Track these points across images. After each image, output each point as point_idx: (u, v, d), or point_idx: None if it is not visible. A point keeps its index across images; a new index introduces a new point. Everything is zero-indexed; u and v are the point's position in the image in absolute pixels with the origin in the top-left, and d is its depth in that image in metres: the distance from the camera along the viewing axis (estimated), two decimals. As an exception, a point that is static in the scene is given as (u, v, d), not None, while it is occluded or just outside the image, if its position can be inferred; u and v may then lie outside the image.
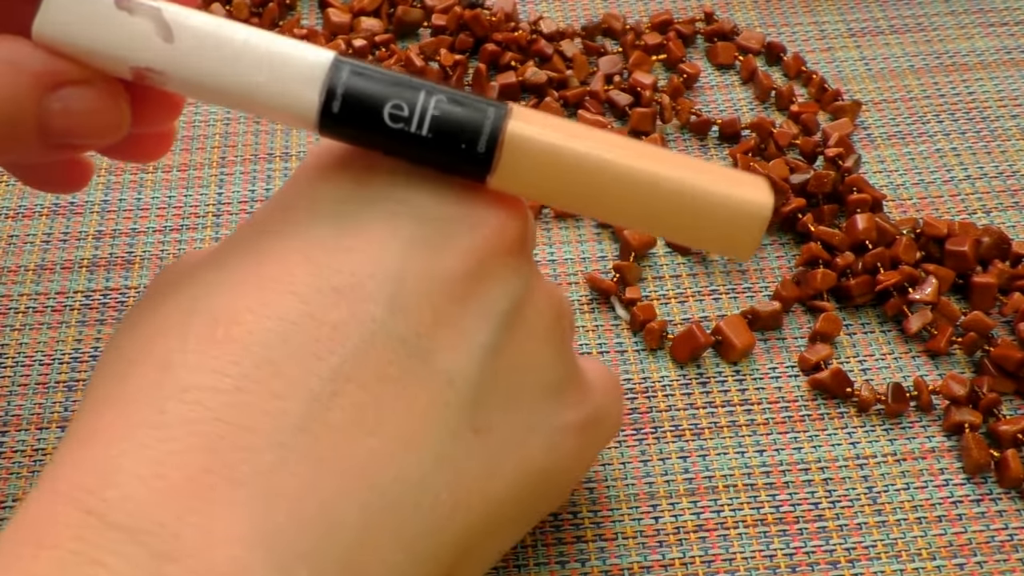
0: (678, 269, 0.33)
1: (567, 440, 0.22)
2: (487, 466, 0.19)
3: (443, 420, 0.18)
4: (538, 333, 0.21)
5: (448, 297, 0.19)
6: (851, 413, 0.30)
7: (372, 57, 0.39)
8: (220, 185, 0.36)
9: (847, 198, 0.33)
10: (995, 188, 0.35)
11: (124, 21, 0.18)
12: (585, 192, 0.19)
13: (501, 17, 0.39)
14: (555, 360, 0.22)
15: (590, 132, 0.19)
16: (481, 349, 0.19)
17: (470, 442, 0.19)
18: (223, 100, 0.19)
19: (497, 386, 0.20)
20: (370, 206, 0.19)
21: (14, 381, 0.30)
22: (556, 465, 0.22)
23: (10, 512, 0.28)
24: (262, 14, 0.40)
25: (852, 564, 0.27)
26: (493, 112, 0.19)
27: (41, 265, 0.33)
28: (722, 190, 0.19)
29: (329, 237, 0.19)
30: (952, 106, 0.38)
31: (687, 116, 0.37)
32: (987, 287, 0.31)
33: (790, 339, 0.31)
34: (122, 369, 0.18)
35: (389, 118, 0.19)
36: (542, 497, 0.22)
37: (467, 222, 0.20)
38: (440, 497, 0.18)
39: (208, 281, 0.19)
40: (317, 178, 0.20)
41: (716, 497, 0.28)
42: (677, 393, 0.30)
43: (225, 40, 0.19)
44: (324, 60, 0.19)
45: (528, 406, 0.21)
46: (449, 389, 0.19)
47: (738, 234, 0.19)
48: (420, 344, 0.18)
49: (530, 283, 0.21)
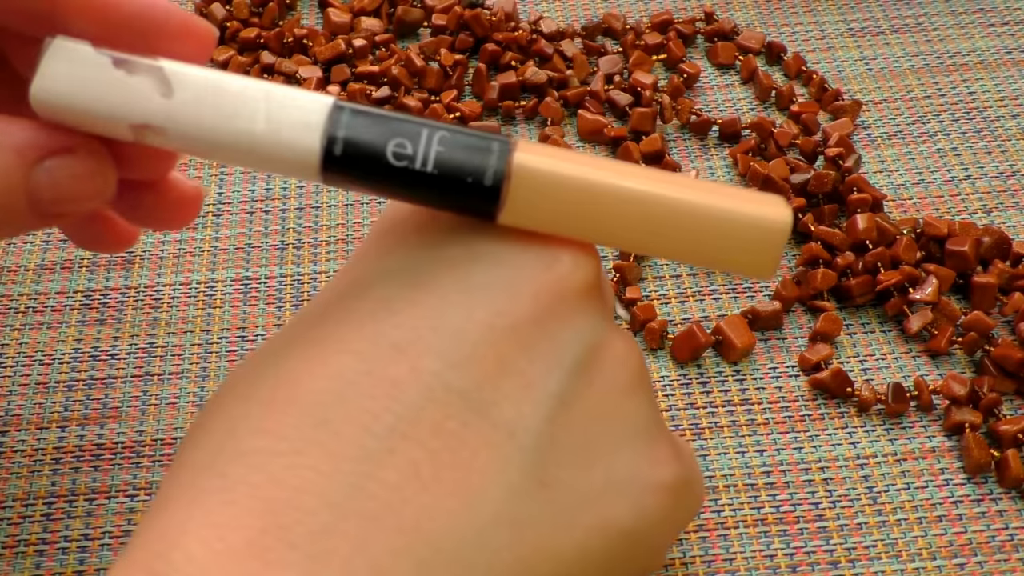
0: (678, 269, 0.33)
1: (658, 499, 0.20)
2: (555, 524, 0.19)
3: (503, 475, 0.18)
4: (619, 383, 0.20)
5: (515, 345, 0.18)
6: (851, 413, 0.30)
7: (372, 57, 0.39)
8: (220, 185, 0.36)
9: (847, 198, 0.33)
10: (995, 188, 0.35)
11: (122, 80, 0.18)
12: (599, 221, 0.19)
13: (501, 17, 0.39)
14: (640, 412, 0.21)
15: (598, 160, 0.19)
16: (549, 399, 0.19)
17: (535, 498, 0.18)
18: (223, 154, 0.19)
19: (569, 439, 0.19)
20: (434, 260, 0.19)
21: (14, 381, 0.30)
22: (643, 526, 0.20)
23: (10, 512, 0.28)
24: (262, 14, 0.40)
25: (852, 564, 0.27)
26: (498, 145, 0.18)
27: (41, 265, 0.33)
28: (739, 209, 0.19)
29: (392, 295, 0.19)
30: (952, 106, 0.38)
31: (687, 116, 0.37)
32: (987, 287, 0.31)
33: (790, 339, 0.31)
34: (197, 437, 0.18)
35: (393, 156, 0.18)
36: (628, 560, 0.21)
37: (536, 264, 0.19)
38: (500, 555, 0.18)
39: (275, 349, 0.19)
40: (383, 241, 0.20)
41: (716, 497, 0.28)
42: (677, 393, 0.30)
43: (223, 90, 0.18)
44: (323, 104, 0.18)
45: (608, 461, 0.20)
46: (510, 442, 0.18)
47: (759, 253, 0.19)
48: (481, 396, 0.18)
49: (606, 328, 0.20)
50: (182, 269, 0.33)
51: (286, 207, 0.35)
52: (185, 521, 0.16)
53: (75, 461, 0.29)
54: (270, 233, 0.34)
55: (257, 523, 0.16)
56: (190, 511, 0.16)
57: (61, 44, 0.18)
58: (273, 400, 0.18)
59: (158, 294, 0.32)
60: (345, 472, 0.17)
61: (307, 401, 0.17)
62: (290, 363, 0.18)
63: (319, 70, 0.38)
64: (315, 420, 0.17)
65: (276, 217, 0.35)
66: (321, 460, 0.17)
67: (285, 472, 0.17)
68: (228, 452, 0.17)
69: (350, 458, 0.17)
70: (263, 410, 0.18)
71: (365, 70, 0.38)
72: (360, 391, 0.17)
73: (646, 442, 0.21)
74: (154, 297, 0.32)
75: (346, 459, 0.17)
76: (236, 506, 0.16)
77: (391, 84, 0.38)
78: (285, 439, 0.17)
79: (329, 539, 0.16)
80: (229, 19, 0.40)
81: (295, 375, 0.18)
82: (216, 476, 0.17)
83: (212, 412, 0.19)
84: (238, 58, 0.39)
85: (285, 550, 0.16)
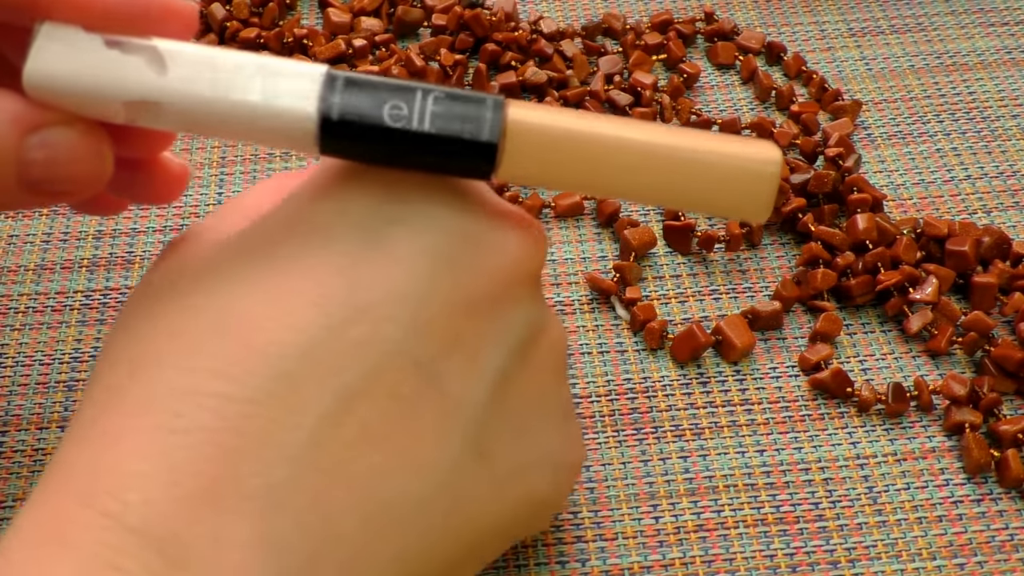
0: (678, 269, 0.33)
1: (568, 475, 0.22)
2: (489, 493, 0.20)
3: (448, 443, 0.19)
4: (551, 365, 0.21)
5: (468, 319, 0.19)
6: (851, 413, 0.30)
7: (372, 57, 0.39)
8: (220, 185, 0.36)
9: (847, 198, 0.33)
10: (995, 188, 0.35)
11: (116, 59, 0.18)
12: (595, 171, 0.19)
13: (501, 17, 0.39)
14: (563, 395, 0.22)
15: (590, 115, 0.19)
16: (493, 374, 0.19)
17: (474, 467, 0.19)
18: (219, 127, 0.19)
19: (506, 413, 0.20)
20: (400, 221, 0.19)
21: (14, 381, 0.30)
22: (555, 498, 0.22)
23: (10, 512, 0.28)
24: (262, 14, 0.40)
25: (852, 564, 0.27)
26: (491, 102, 0.19)
27: (41, 265, 0.33)
28: (731, 151, 0.19)
29: (357, 251, 0.19)
30: (952, 106, 0.38)
31: (687, 116, 0.37)
32: (987, 287, 0.31)
33: (790, 339, 0.31)
34: (127, 368, 0.18)
35: (389, 118, 0.18)
36: (530, 525, 0.22)
37: (496, 243, 0.20)
38: (438, 518, 0.18)
39: (230, 277, 0.19)
40: (345, 186, 0.20)
41: (716, 497, 0.28)
42: (677, 393, 0.30)
43: (217, 65, 0.18)
44: (317, 73, 0.19)
45: (536, 437, 0.21)
46: (457, 412, 0.19)
47: (751, 193, 0.19)
48: (434, 367, 0.18)
49: (545, 313, 0.21)
50: (182, 269, 0.33)
51: (286, 207, 0.35)
52: (139, 461, 0.16)
53: (75, 461, 0.29)
54: (270, 233, 0.34)
55: (213, 470, 0.16)
56: (145, 450, 0.16)
57: (52, 27, 0.18)
58: (230, 340, 0.17)
59: (158, 294, 0.32)
60: (305, 428, 0.17)
61: (269, 352, 0.17)
62: (251, 305, 0.18)
63: (319, 70, 0.38)
64: (275, 372, 0.17)
65: (276, 217, 0.35)
66: (281, 413, 0.17)
67: (244, 421, 0.17)
68: (182, 388, 0.17)
69: (309, 413, 0.17)
70: (221, 349, 0.17)
71: (365, 70, 0.38)
72: (323, 348, 0.18)
73: (565, 422, 0.22)
74: (154, 297, 0.32)
75: (306, 414, 0.17)
76: (192, 450, 0.16)
77: (391, 84, 0.38)
78: (245, 386, 0.17)
79: (284, 492, 0.16)
80: (229, 19, 0.40)
81: (255, 320, 0.18)
82: (171, 415, 0.17)
83: (142, 337, 0.18)
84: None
85: (240, 500, 0.16)
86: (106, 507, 0.16)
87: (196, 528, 0.16)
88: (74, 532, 0.15)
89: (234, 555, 0.16)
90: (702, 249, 0.33)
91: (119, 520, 0.15)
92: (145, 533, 0.15)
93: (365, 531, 0.17)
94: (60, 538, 0.15)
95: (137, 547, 0.15)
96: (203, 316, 0.18)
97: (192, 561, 0.15)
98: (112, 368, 0.18)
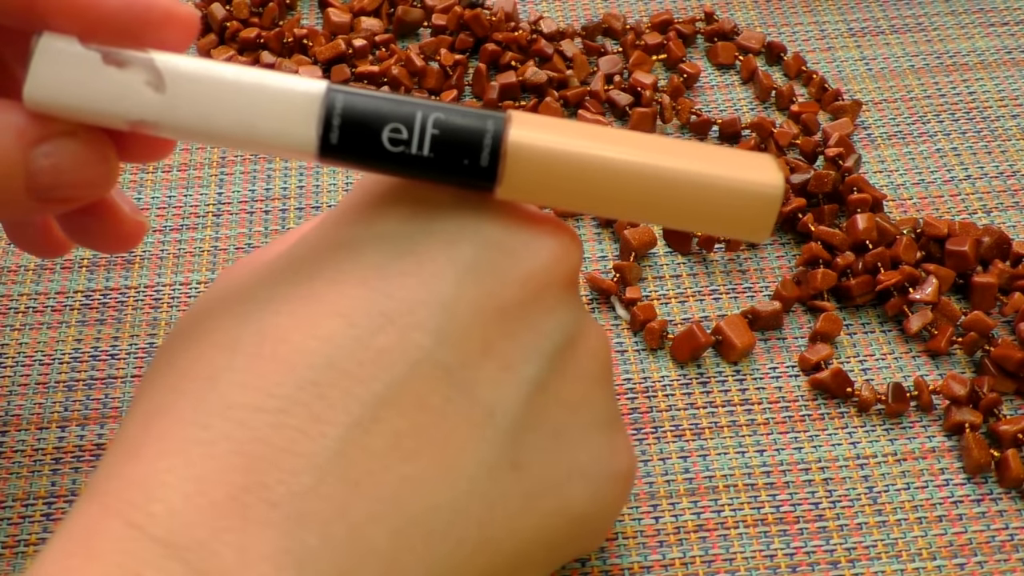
0: (678, 269, 0.33)
1: (613, 487, 0.21)
2: (522, 505, 0.19)
3: (480, 453, 0.18)
4: (591, 373, 0.21)
5: (499, 327, 0.19)
6: (851, 413, 0.30)
7: (372, 57, 0.39)
8: (220, 185, 0.36)
9: (847, 198, 0.33)
10: (995, 188, 0.35)
11: (113, 76, 0.18)
12: (594, 192, 0.19)
13: (501, 17, 0.39)
14: (605, 403, 0.21)
15: (592, 130, 0.19)
16: (527, 384, 0.19)
17: (507, 478, 0.19)
18: (220, 142, 0.19)
19: (541, 423, 0.19)
20: (428, 232, 0.19)
21: (14, 381, 0.30)
22: (596, 511, 0.21)
23: (10, 512, 0.28)
24: (262, 14, 0.40)
25: (852, 564, 0.27)
26: (492, 123, 0.19)
27: (41, 265, 0.33)
28: (731, 175, 0.19)
29: (385, 262, 0.19)
30: (952, 106, 0.38)
31: (687, 116, 0.37)
32: (987, 287, 0.31)
33: (790, 339, 0.31)
34: (172, 381, 0.18)
35: (389, 142, 0.18)
36: (575, 541, 0.21)
37: (526, 250, 0.19)
38: (470, 531, 0.18)
39: (260, 298, 0.19)
40: (375, 204, 0.20)
41: (716, 497, 0.28)
42: (677, 393, 0.30)
43: (216, 82, 0.18)
44: (317, 91, 0.18)
45: (574, 448, 0.20)
46: (489, 422, 0.18)
47: (752, 217, 0.19)
48: (465, 375, 0.18)
49: (582, 319, 0.21)
50: (182, 269, 0.33)
51: (286, 207, 0.35)
52: (165, 472, 0.16)
53: (75, 461, 0.29)
54: (270, 233, 0.34)
55: (239, 479, 0.16)
56: (170, 462, 0.16)
57: (49, 43, 0.18)
58: (259, 355, 0.17)
59: (158, 294, 0.32)
60: (330, 436, 0.17)
61: (295, 361, 0.17)
62: (278, 319, 0.18)
63: (319, 70, 0.38)
64: (301, 381, 0.17)
65: (276, 217, 0.35)
66: (307, 422, 0.17)
67: (269, 430, 0.17)
68: (211, 404, 0.17)
69: (336, 423, 0.17)
70: (248, 363, 0.17)
71: (365, 70, 0.38)
72: (349, 357, 0.17)
73: (608, 432, 0.21)
74: (154, 297, 0.32)
75: (332, 423, 0.17)
76: (218, 460, 0.16)
77: (391, 84, 0.38)
78: (271, 396, 0.17)
79: (311, 501, 0.16)
80: (229, 19, 0.40)
81: (284, 332, 0.18)
82: (199, 428, 0.17)
83: (187, 352, 0.19)
84: (238, 58, 0.39)
85: (266, 509, 0.16)
86: (131, 518, 0.16)
87: (222, 537, 0.16)
88: (100, 543, 0.15)
89: (259, 565, 0.15)
90: (702, 249, 0.34)
91: (144, 530, 0.15)
92: (169, 543, 0.15)
93: (395, 545, 0.17)
94: (87, 549, 0.15)
95: (161, 557, 0.15)
96: (239, 329, 0.18)
97: (215, 571, 0.15)
98: (155, 380, 0.19)
